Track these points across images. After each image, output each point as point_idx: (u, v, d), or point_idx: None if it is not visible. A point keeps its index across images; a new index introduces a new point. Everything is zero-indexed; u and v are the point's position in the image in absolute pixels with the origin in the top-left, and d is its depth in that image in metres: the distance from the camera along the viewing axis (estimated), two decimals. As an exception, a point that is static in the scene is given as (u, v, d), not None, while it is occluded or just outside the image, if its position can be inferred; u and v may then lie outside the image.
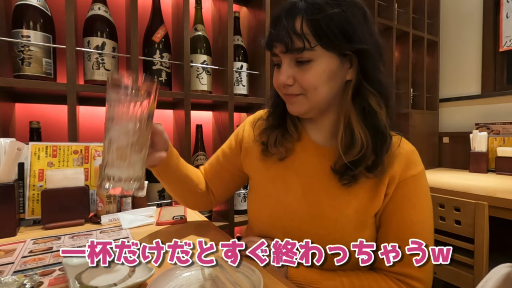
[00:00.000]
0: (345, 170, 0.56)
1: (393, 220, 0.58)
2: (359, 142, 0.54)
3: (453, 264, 1.18)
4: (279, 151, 0.64)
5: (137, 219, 0.80)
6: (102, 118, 1.23)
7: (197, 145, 1.36)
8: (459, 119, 2.12)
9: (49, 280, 0.48)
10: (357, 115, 0.56)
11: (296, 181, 0.62)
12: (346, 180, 0.57)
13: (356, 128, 0.55)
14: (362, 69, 0.55)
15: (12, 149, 0.70)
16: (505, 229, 1.36)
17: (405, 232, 0.56)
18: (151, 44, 1.17)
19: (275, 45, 0.56)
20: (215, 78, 1.37)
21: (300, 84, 0.55)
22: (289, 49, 0.53)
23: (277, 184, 0.64)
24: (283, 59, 0.56)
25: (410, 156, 0.59)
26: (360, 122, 0.56)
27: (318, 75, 0.54)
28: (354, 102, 0.57)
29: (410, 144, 0.62)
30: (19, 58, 0.92)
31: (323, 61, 0.54)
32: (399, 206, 0.57)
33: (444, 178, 1.63)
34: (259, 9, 1.41)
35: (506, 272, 0.45)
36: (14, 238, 0.69)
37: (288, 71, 0.55)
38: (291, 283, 0.50)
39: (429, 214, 0.59)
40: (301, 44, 0.52)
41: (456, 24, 2.14)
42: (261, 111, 0.75)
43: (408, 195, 0.57)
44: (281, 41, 0.53)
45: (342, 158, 0.56)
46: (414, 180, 0.57)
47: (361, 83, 0.56)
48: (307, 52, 0.53)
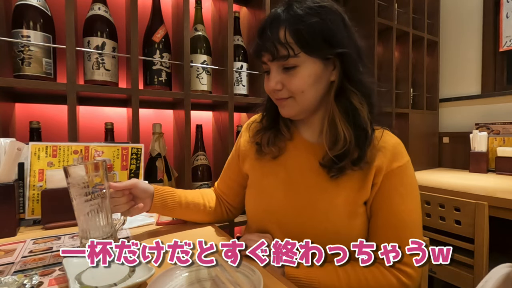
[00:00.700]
0: (331, 164, 0.60)
1: (383, 209, 0.60)
2: (342, 137, 0.59)
3: (453, 264, 1.18)
4: (272, 151, 0.69)
5: (137, 219, 0.80)
6: (102, 118, 1.24)
7: (197, 145, 1.36)
8: (459, 119, 2.12)
9: (49, 280, 0.48)
10: (340, 113, 0.60)
11: (288, 177, 0.67)
12: (333, 173, 0.60)
13: (339, 125, 0.60)
14: (344, 70, 0.60)
15: (12, 149, 0.70)
16: (505, 229, 1.36)
17: (394, 220, 0.59)
18: (151, 44, 1.17)
19: (262, 54, 0.61)
20: (215, 78, 1.37)
21: (288, 89, 0.60)
22: (275, 57, 0.58)
23: (270, 180, 0.69)
24: (271, 66, 0.61)
25: (395, 148, 0.62)
26: (342, 119, 0.60)
27: (303, 79, 0.58)
28: (337, 101, 0.61)
29: (394, 136, 0.65)
30: (19, 58, 0.92)
31: (307, 66, 0.58)
32: (387, 195, 0.60)
33: (444, 178, 1.63)
34: (259, 9, 1.41)
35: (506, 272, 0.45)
36: (14, 238, 0.69)
37: (276, 77, 0.60)
38: (291, 283, 0.50)
39: (417, 204, 0.62)
40: (286, 52, 0.56)
41: (456, 24, 2.14)
42: (256, 115, 0.80)
43: (396, 185, 0.60)
44: (267, 50, 0.58)
45: (326, 154, 0.61)
46: (401, 171, 0.60)
47: (344, 83, 0.60)
48: (292, 59, 0.57)
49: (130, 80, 1.10)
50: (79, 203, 0.56)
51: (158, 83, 1.18)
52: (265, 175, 0.70)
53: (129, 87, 1.10)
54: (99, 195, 0.58)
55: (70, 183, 0.56)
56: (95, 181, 0.57)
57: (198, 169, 1.33)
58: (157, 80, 1.18)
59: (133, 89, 1.08)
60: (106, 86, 1.05)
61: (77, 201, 0.56)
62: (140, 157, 0.98)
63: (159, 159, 1.19)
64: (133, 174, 0.96)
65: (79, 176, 0.56)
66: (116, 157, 0.93)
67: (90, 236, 0.57)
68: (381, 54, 1.93)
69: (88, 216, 0.57)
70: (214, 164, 1.44)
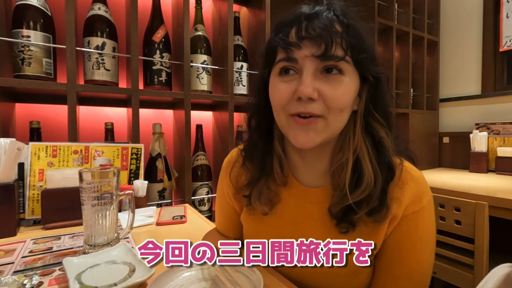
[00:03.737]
0: (345, 213, 0.48)
1: (388, 258, 0.51)
2: (368, 179, 0.46)
3: (453, 264, 1.18)
4: (263, 209, 0.55)
5: (137, 219, 0.80)
6: (102, 118, 1.24)
7: (197, 145, 1.36)
8: (459, 119, 2.12)
9: (49, 280, 0.48)
10: (367, 149, 0.48)
11: (286, 233, 0.54)
12: (344, 229, 0.49)
13: (365, 163, 0.47)
14: (373, 97, 0.48)
15: (12, 149, 0.70)
16: (505, 229, 1.36)
17: (400, 271, 0.50)
18: (151, 44, 1.17)
19: (301, 44, 0.44)
20: (215, 78, 1.37)
21: (326, 101, 0.44)
22: (327, 52, 0.42)
23: (266, 237, 0.56)
24: (305, 65, 0.44)
25: (417, 188, 0.50)
26: (371, 156, 0.48)
27: (348, 93, 0.45)
28: (365, 134, 0.49)
29: (414, 169, 0.52)
30: (19, 58, 0.92)
31: (352, 79, 0.45)
32: (397, 244, 0.50)
33: (444, 178, 1.63)
34: (259, 9, 1.41)
35: (506, 272, 0.45)
36: (14, 238, 0.69)
37: (314, 82, 0.44)
38: (291, 283, 0.50)
39: (431, 251, 0.51)
40: (342, 51, 0.43)
41: (456, 24, 2.14)
42: (234, 151, 0.65)
43: (409, 233, 0.49)
44: (319, 39, 0.43)
45: (340, 200, 0.48)
46: (417, 216, 0.49)
47: (370, 112, 0.49)
48: (343, 63, 0.44)
49: (130, 80, 1.10)
50: (88, 208, 0.57)
51: (158, 83, 1.18)
52: (259, 231, 0.58)
53: (129, 87, 1.10)
54: (108, 202, 0.58)
55: (82, 188, 0.57)
56: (105, 188, 0.58)
57: (198, 169, 1.33)
58: (157, 80, 1.18)
59: (133, 89, 1.08)
60: (106, 86, 1.05)
61: (87, 206, 0.57)
62: (140, 157, 0.98)
63: (159, 159, 1.19)
64: (133, 174, 0.97)
65: (91, 182, 0.57)
66: (116, 157, 0.93)
67: (94, 241, 0.58)
68: (381, 54, 1.93)
69: (95, 221, 0.58)
70: (214, 164, 1.44)
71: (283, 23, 0.47)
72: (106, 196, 0.58)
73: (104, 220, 0.58)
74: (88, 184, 0.56)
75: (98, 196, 0.57)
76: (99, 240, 0.58)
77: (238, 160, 0.60)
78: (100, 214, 0.58)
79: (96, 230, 0.58)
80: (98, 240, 0.58)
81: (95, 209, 0.57)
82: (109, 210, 0.59)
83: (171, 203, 1.23)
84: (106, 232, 0.59)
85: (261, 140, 0.55)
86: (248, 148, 0.58)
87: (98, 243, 0.58)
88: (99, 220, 0.58)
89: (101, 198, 0.57)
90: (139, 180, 0.94)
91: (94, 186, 0.57)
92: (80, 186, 0.57)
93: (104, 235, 0.59)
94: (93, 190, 0.57)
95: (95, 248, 0.58)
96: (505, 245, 1.37)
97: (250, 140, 0.57)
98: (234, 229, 0.66)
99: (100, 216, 0.58)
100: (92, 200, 0.57)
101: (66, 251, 0.61)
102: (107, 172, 0.58)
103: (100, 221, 0.58)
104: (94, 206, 0.57)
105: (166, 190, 1.21)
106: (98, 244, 0.58)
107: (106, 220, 0.58)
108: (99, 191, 0.57)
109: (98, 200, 0.57)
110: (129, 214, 0.65)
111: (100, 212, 0.57)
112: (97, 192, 0.57)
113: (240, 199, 0.60)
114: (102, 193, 0.58)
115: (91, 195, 0.57)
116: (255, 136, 0.56)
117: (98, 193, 0.57)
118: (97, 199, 0.57)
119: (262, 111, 0.54)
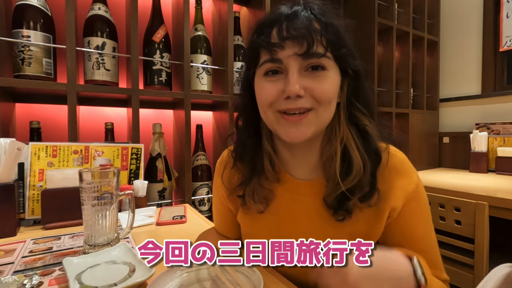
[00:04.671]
0: (340, 201, 0.50)
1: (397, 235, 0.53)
2: (355, 165, 0.49)
3: (453, 264, 1.18)
4: (258, 208, 0.56)
5: (137, 219, 0.80)
6: (102, 118, 1.24)
7: (197, 145, 1.36)
8: (459, 119, 2.12)
9: (49, 280, 0.48)
10: (353, 137, 0.51)
11: (283, 229, 0.56)
12: (341, 216, 0.51)
13: (353, 151, 0.50)
14: (354, 89, 0.51)
15: (12, 149, 0.70)
16: (505, 229, 1.36)
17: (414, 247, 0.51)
18: (151, 44, 1.17)
19: (284, 45, 0.46)
20: (215, 78, 1.37)
21: (314, 95, 0.46)
22: (309, 50, 0.44)
23: (263, 234, 0.57)
24: (290, 64, 0.46)
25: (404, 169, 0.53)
26: (357, 144, 0.50)
27: (333, 86, 0.48)
28: (349, 124, 0.52)
29: (398, 152, 0.55)
30: (19, 58, 0.92)
31: (334, 73, 0.48)
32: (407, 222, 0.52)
33: (444, 178, 1.63)
34: (259, 9, 1.41)
35: (506, 272, 0.45)
36: (14, 238, 0.69)
37: (300, 80, 0.46)
38: (291, 283, 0.50)
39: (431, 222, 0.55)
40: (323, 49, 0.45)
41: (456, 24, 2.14)
42: (224, 152, 0.66)
43: (414, 209, 0.52)
44: (301, 39, 0.45)
45: (334, 189, 0.50)
46: (416, 194, 0.53)
47: (352, 104, 0.51)
48: (325, 60, 0.46)
49: (130, 80, 1.10)
50: (88, 208, 0.57)
51: (158, 83, 1.18)
52: (256, 230, 0.59)
53: (129, 87, 1.10)
54: (108, 202, 0.58)
55: (82, 188, 0.57)
56: (105, 188, 0.58)
57: (198, 169, 1.33)
58: (157, 80, 1.18)
59: (133, 89, 1.08)
60: (106, 86, 1.05)
61: (87, 206, 0.57)
62: (140, 157, 0.98)
63: (159, 159, 1.19)
64: (133, 174, 0.97)
65: (91, 182, 0.57)
66: (116, 157, 0.93)
67: (94, 241, 0.58)
68: (381, 54, 1.93)
69: (95, 221, 0.58)
70: (214, 164, 1.44)
71: (264, 24, 0.49)
72: (106, 196, 0.58)
73: (104, 220, 0.58)
74: (88, 184, 0.56)
75: (98, 196, 0.57)
76: (99, 240, 0.58)
77: (229, 161, 0.61)
78: (100, 214, 0.58)
79: (96, 230, 0.58)
80: (98, 240, 0.58)
81: (95, 209, 0.57)
82: (109, 210, 0.59)
83: (171, 203, 1.23)
84: (106, 232, 0.59)
85: (250, 140, 0.56)
86: (237, 149, 0.59)
87: (98, 243, 0.58)
88: (99, 220, 0.58)
89: (101, 198, 0.57)
90: (139, 180, 0.94)
91: (94, 186, 0.57)
92: (80, 186, 0.57)
93: (104, 235, 0.59)
94: (93, 190, 0.57)
95: (95, 248, 0.58)
96: (505, 245, 1.37)
97: (239, 141, 0.58)
98: (232, 229, 0.67)
99: (100, 216, 0.58)
100: (92, 200, 0.57)
101: (66, 251, 0.61)
102: (107, 172, 0.58)
103: (100, 221, 0.58)
104: (94, 206, 0.57)
105: (166, 190, 1.21)
106: (98, 244, 0.58)
107: (106, 220, 0.58)
108: (99, 191, 0.57)
109: (98, 200, 0.57)
110: (129, 214, 0.65)
111: (100, 212, 0.58)
112: (97, 192, 0.57)
113: (235, 200, 0.61)
114: (102, 193, 0.58)
115: (91, 195, 0.57)
116: (244, 136, 0.57)
117: (98, 193, 0.57)
118: (97, 199, 0.57)
119: (249, 111, 0.55)
